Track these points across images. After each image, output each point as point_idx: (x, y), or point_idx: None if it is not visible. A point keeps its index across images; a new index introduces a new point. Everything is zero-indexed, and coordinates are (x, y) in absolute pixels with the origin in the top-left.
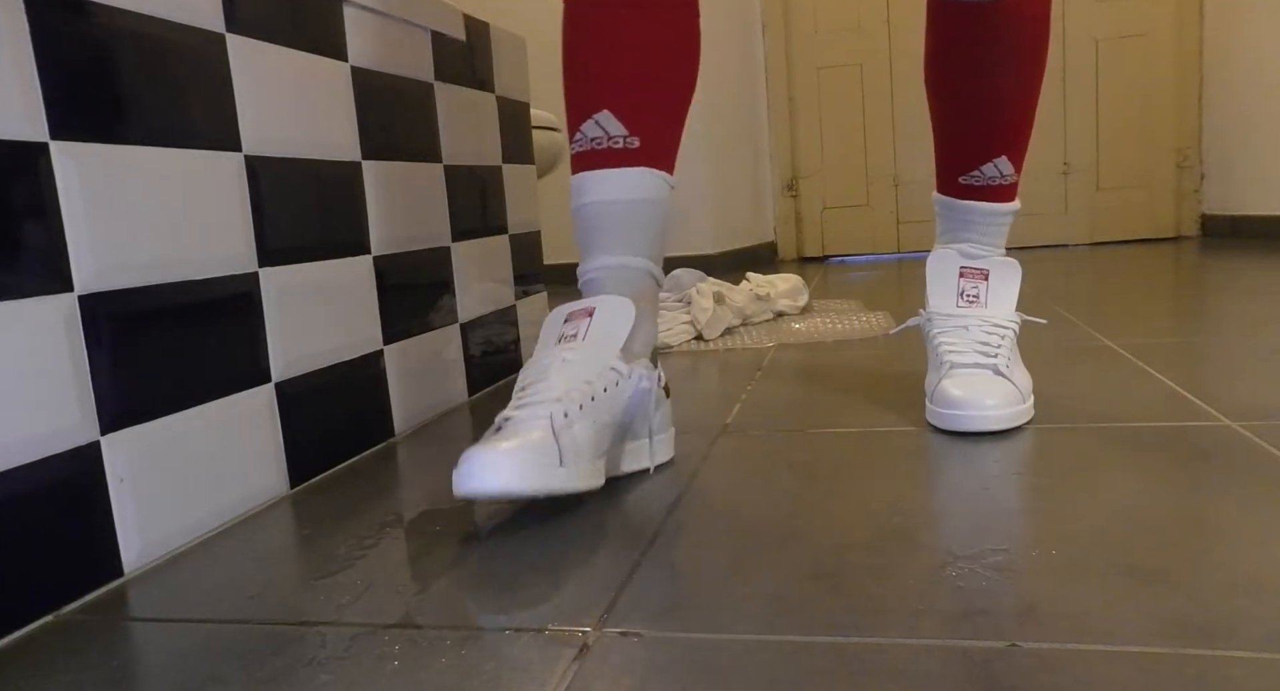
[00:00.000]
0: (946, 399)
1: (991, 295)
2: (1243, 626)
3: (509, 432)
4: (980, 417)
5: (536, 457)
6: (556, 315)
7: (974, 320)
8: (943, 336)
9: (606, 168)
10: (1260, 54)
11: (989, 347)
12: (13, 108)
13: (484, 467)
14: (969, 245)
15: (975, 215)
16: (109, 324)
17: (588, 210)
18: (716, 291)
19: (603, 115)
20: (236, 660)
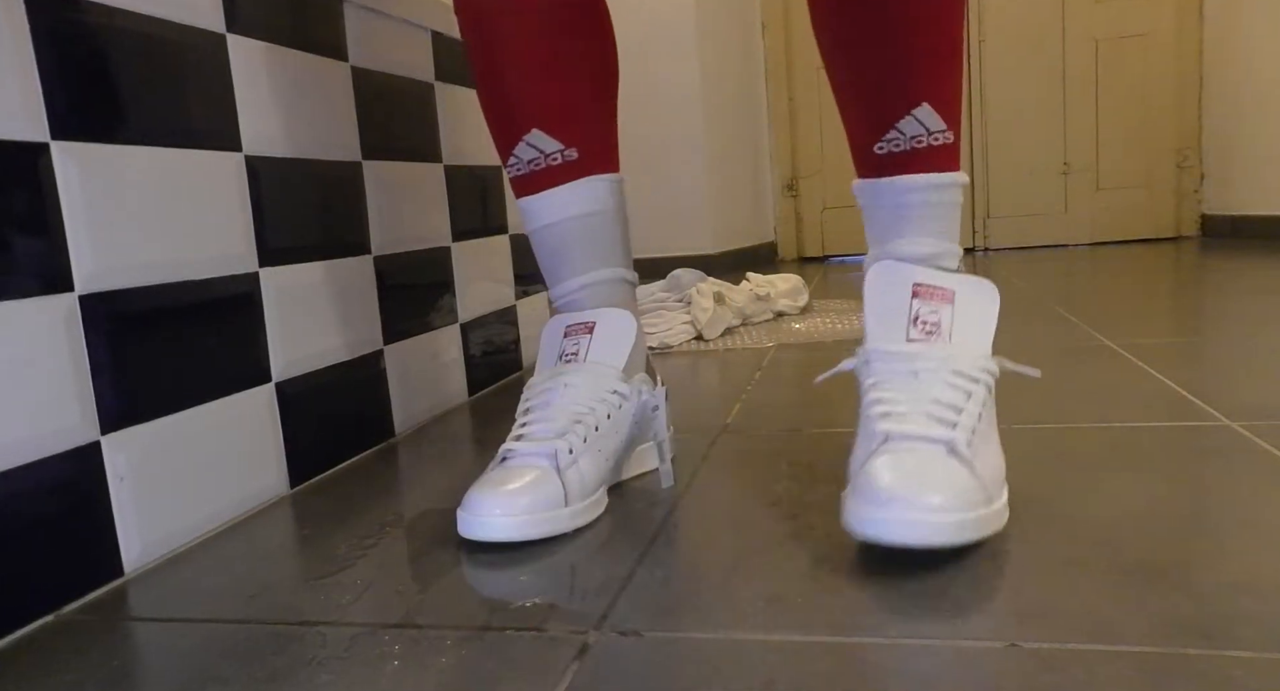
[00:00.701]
0: (869, 489)
1: (958, 325)
2: (1243, 626)
3: (514, 473)
4: (913, 524)
5: (542, 502)
6: (555, 327)
7: (930, 363)
8: (880, 389)
9: (552, 187)
10: (1260, 54)
11: (947, 409)
12: (13, 108)
13: (490, 513)
14: (912, 244)
15: (908, 195)
16: (109, 324)
17: (545, 234)
18: (716, 291)
19: (533, 135)
20: (236, 660)
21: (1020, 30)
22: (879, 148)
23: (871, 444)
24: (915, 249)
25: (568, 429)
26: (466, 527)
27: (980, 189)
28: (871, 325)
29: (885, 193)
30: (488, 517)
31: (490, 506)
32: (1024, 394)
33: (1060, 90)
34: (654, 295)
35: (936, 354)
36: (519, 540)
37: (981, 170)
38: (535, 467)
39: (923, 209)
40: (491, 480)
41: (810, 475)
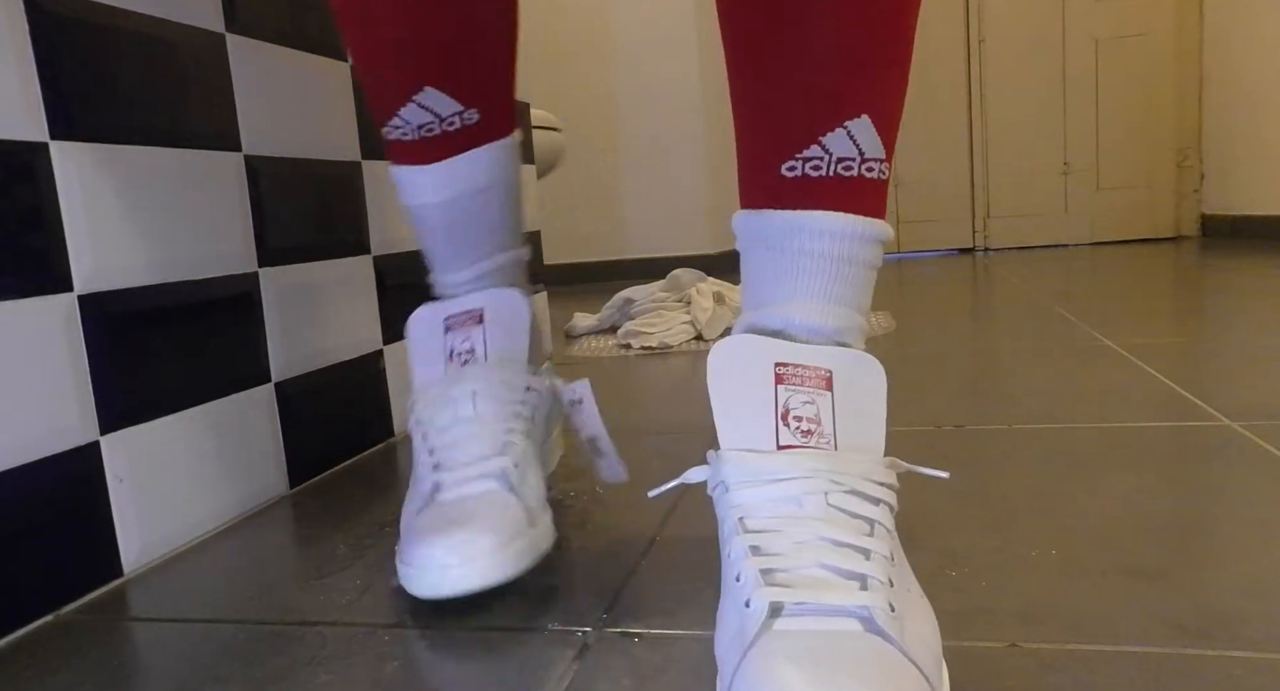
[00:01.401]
0: None
1: (841, 421)
2: (1243, 626)
3: (461, 507)
4: None
5: (511, 533)
6: (430, 318)
7: (814, 481)
8: (751, 521)
9: (445, 157)
10: (1260, 54)
11: (852, 555)
12: (13, 108)
13: (454, 563)
14: (810, 311)
15: (821, 241)
16: (109, 324)
17: (435, 212)
18: (716, 291)
19: (426, 95)
20: (236, 660)
21: (1020, 30)
22: (789, 168)
23: (750, 616)
24: (813, 319)
25: (506, 440)
26: (419, 585)
27: (980, 189)
28: (725, 424)
29: (786, 232)
30: (450, 568)
31: (449, 553)
32: (1024, 394)
33: (1060, 90)
34: (654, 295)
35: (824, 465)
36: (498, 583)
37: (981, 170)
38: (488, 494)
39: (838, 265)
40: (436, 523)
41: None
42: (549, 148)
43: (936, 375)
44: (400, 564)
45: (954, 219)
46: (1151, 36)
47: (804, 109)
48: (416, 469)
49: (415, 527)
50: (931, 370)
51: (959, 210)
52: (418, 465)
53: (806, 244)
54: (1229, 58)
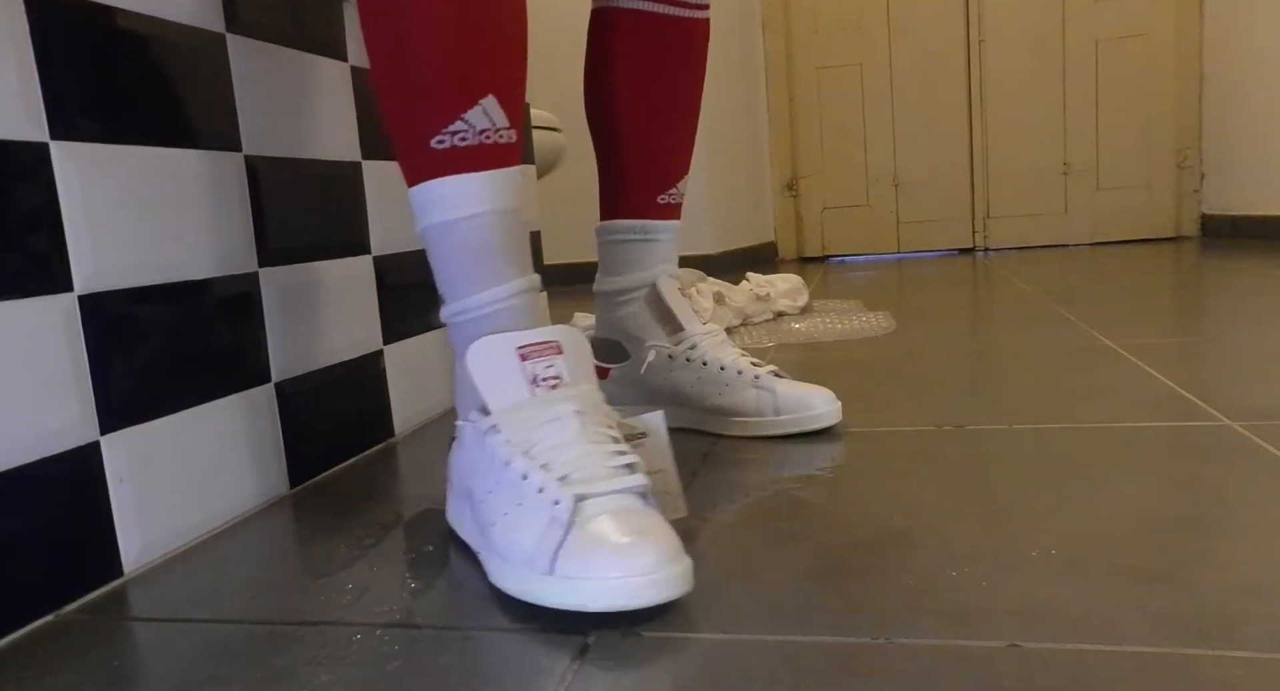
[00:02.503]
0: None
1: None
2: (1243, 626)
3: (641, 523)
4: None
5: (677, 550)
6: (496, 346)
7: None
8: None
9: (498, 167)
10: (1260, 54)
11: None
12: (13, 108)
13: (656, 570)
14: (673, 268)
15: (672, 234)
16: (109, 324)
17: (480, 223)
18: (716, 291)
19: (489, 102)
20: (236, 660)
21: (1020, 30)
22: (663, 198)
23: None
24: (671, 272)
25: (628, 461)
26: (620, 594)
27: (980, 189)
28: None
29: (662, 232)
30: (654, 573)
31: (652, 562)
32: (1024, 394)
33: (1060, 90)
34: None
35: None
36: (670, 599)
37: (981, 170)
38: (643, 511)
39: (674, 248)
40: (616, 534)
41: (810, 475)
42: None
43: (936, 375)
44: (580, 578)
45: (954, 219)
46: (1151, 36)
47: (675, 166)
48: (521, 487)
49: (582, 542)
50: (931, 370)
51: (959, 210)
52: (525, 484)
53: (671, 238)
54: (1229, 58)
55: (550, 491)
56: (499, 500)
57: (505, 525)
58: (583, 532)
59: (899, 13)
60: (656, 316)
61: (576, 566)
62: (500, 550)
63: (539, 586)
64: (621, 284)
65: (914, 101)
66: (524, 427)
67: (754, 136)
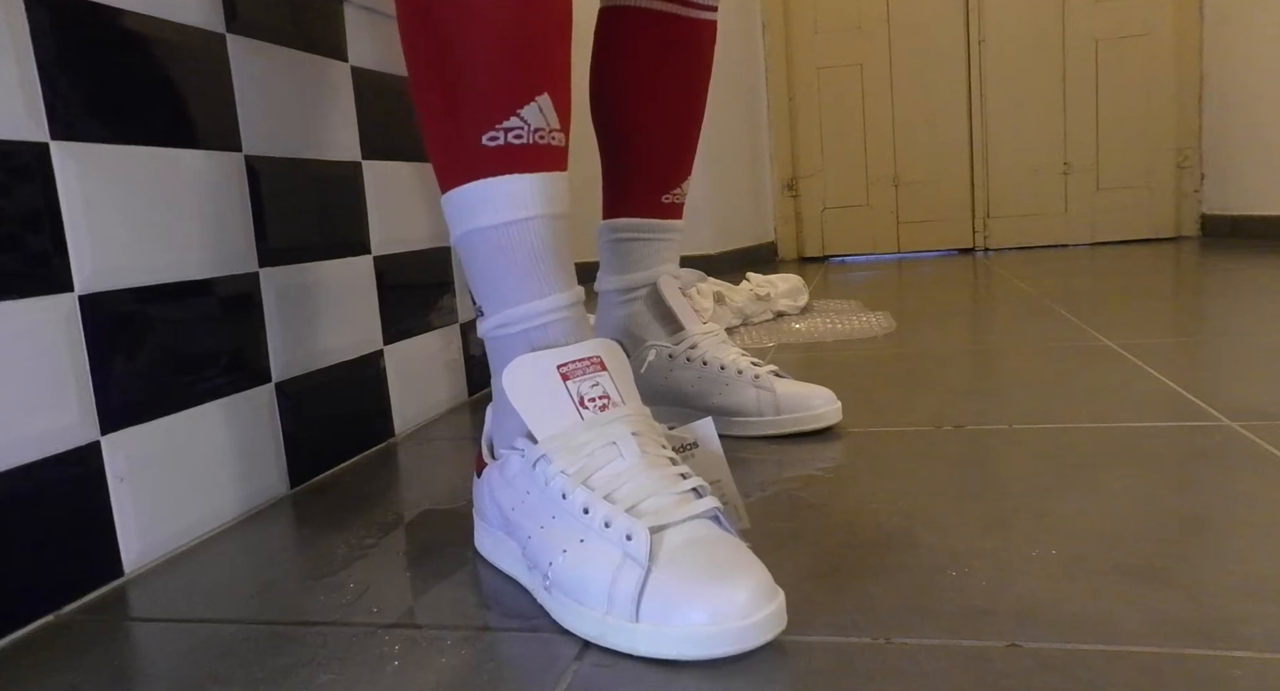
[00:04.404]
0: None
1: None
2: (1243, 626)
3: (728, 556)
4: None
5: (759, 566)
6: (536, 365)
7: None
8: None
9: (551, 170)
10: (1260, 54)
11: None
12: (13, 108)
13: (757, 610)
14: (675, 269)
15: (675, 234)
16: (109, 324)
17: (534, 227)
18: (716, 291)
19: (545, 99)
20: (236, 660)
21: (1020, 30)
22: (666, 197)
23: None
24: (673, 272)
25: (694, 484)
26: (723, 640)
27: (980, 189)
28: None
29: (665, 231)
30: (755, 614)
31: (751, 599)
32: (1024, 394)
33: (1060, 90)
34: None
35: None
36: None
37: (981, 170)
38: (724, 538)
39: (677, 247)
40: (705, 570)
41: (810, 475)
42: None
43: (936, 375)
44: (671, 626)
45: (954, 219)
46: (1151, 36)
47: (679, 167)
48: (582, 521)
49: (666, 583)
50: (931, 370)
51: (959, 210)
52: (588, 518)
53: (674, 237)
54: (1229, 58)
55: (619, 525)
56: (556, 535)
57: (567, 562)
58: (664, 572)
59: (899, 13)
60: (657, 316)
61: (664, 612)
62: (568, 589)
63: (625, 635)
64: (622, 283)
65: (914, 101)
66: (578, 455)
67: (754, 136)
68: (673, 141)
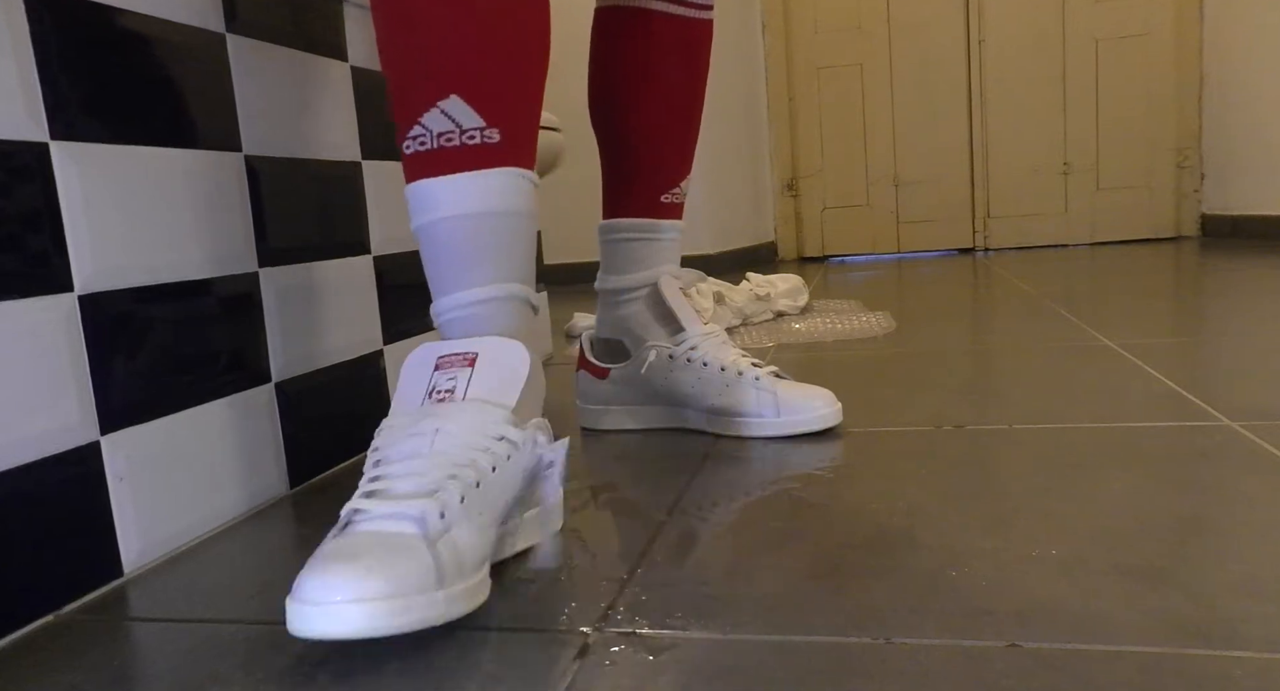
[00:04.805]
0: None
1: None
2: (1243, 626)
3: (365, 543)
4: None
5: (405, 583)
6: (424, 357)
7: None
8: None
9: (463, 171)
10: (1260, 54)
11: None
12: (13, 108)
13: (330, 599)
14: (674, 269)
15: (675, 234)
16: (109, 324)
17: (442, 228)
18: (716, 291)
19: (451, 102)
20: (236, 660)
21: (1020, 30)
22: (666, 197)
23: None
24: (673, 272)
25: (440, 485)
26: (299, 621)
27: (980, 189)
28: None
29: (665, 231)
30: (327, 605)
31: (330, 590)
32: (1024, 394)
33: (1060, 90)
34: None
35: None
36: (370, 635)
37: (981, 170)
38: (396, 535)
39: (677, 247)
40: (332, 553)
41: (810, 475)
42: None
43: (936, 375)
44: (288, 600)
45: (954, 219)
46: (1151, 36)
47: (679, 165)
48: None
49: (313, 558)
50: (931, 370)
51: (959, 210)
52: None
53: (674, 237)
54: (1229, 58)
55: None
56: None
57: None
58: (321, 549)
59: (899, 13)
60: (657, 316)
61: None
62: None
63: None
64: (623, 283)
65: (914, 101)
66: (391, 438)
67: (754, 136)
68: (671, 141)
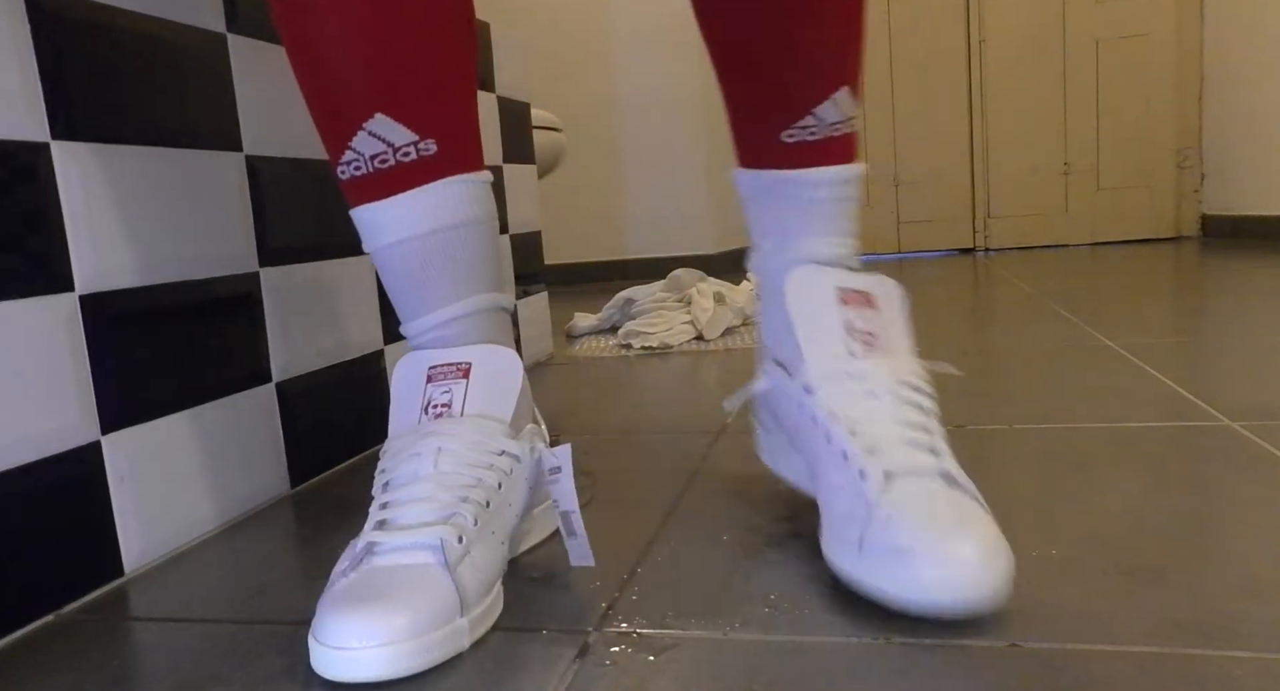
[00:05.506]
0: (914, 552)
1: (889, 332)
2: (1243, 626)
3: (385, 579)
4: (976, 596)
5: (431, 616)
6: (414, 367)
7: (884, 378)
8: (842, 408)
9: (405, 190)
10: (1260, 54)
11: (923, 432)
12: (13, 108)
13: (353, 644)
14: (828, 244)
15: (824, 189)
16: (109, 324)
17: (396, 253)
18: (716, 291)
19: (376, 122)
20: (236, 660)
21: (1020, 30)
22: (789, 135)
23: (861, 488)
24: (830, 249)
25: (454, 509)
26: (323, 664)
27: (980, 189)
28: (804, 339)
29: (796, 185)
30: (352, 651)
31: (352, 634)
32: (1024, 394)
33: (1060, 90)
34: (654, 295)
35: (886, 367)
36: (402, 676)
37: (981, 170)
38: (416, 567)
39: (837, 205)
40: (354, 593)
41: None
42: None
43: (936, 375)
44: (310, 637)
45: (954, 219)
46: (1151, 36)
47: (799, 87)
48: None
49: (332, 595)
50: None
51: (959, 210)
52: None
53: (814, 192)
54: (1229, 58)
55: (366, 532)
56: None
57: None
58: (340, 586)
59: (899, 13)
60: (781, 324)
61: (317, 626)
62: None
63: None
64: (752, 261)
65: (914, 101)
66: (394, 459)
67: None
68: (787, 48)
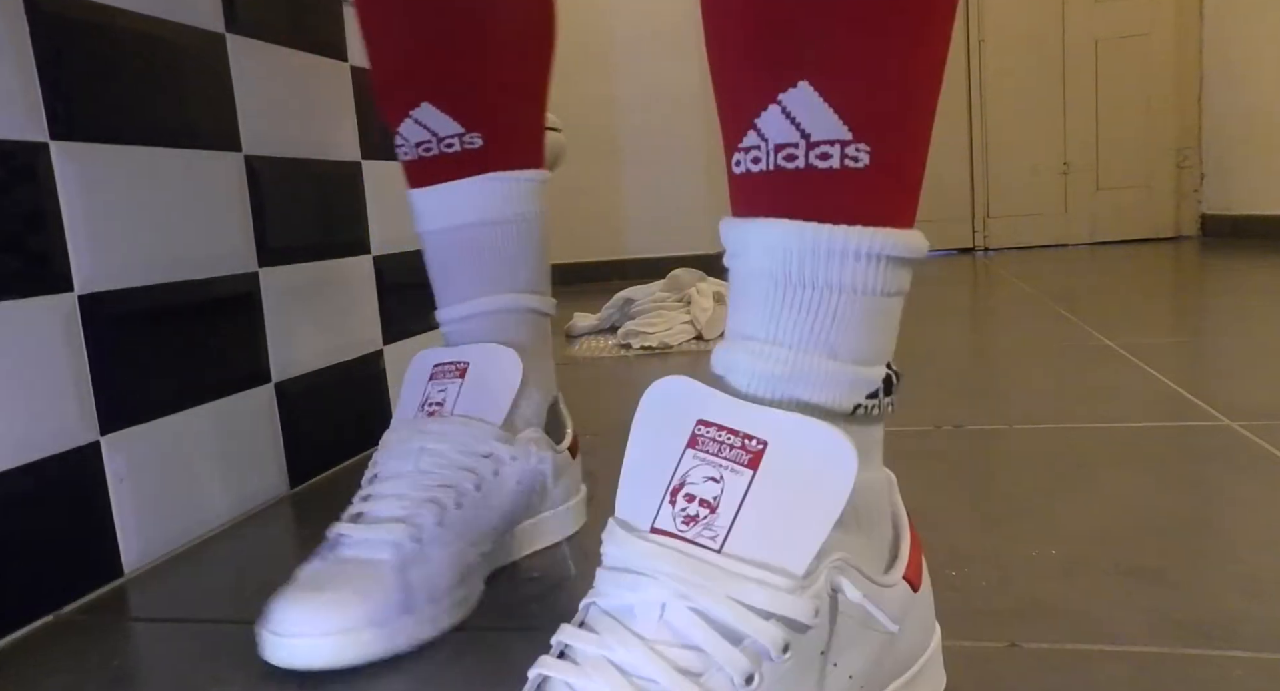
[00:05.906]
0: None
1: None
2: (1243, 626)
3: (337, 572)
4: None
5: (369, 613)
6: (422, 364)
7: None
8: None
9: (441, 181)
10: (1260, 54)
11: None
12: (13, 108)
13: (292, 632)
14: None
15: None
16: (109, 324)
17: (430, 240)
18: (716, 291)
19: (422, 110)
20: (236, 660)
21: (1020, 30)
22: (735, 163)
23: None
24: (754, 362)
25: (416, 508)
26: (268, 649)
27: (980, 189)
28: (621, 484)
29: (735, 248)
30: (291, 638)
31: (294, 623)
32: (1024, 394)
33: (1060, 90)
34: (654, 295)
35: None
36: (336, 666)
37: (981, 170)
38: (368, 563)
39: (785, 291)
40: (304, 583)
41: None
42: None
43: (936, 375)
44: (259, 620)
45: (954, 219)
46: (1151, 36)
47: (737, 86)
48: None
49: (294, 580)
50: (931, 370)
51: (959, 210)
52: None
53: (752, 263)
54: (1229, 58)
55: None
56: None
57: None
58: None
59: None
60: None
61: (265, 611)
62: None
63: None
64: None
65: None
66: (386, 453)
67: None
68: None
